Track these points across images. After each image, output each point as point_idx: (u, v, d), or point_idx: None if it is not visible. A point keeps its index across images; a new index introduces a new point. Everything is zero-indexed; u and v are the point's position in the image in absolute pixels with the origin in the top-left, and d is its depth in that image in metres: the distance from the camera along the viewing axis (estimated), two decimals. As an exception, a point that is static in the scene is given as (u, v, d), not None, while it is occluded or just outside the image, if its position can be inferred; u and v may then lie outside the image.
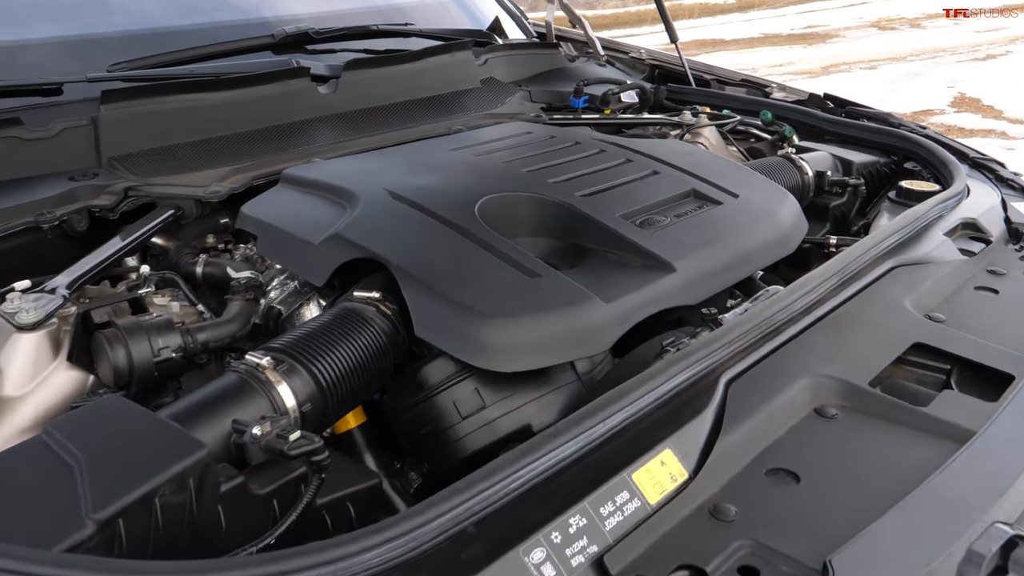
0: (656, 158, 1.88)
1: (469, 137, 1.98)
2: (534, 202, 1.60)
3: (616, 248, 1.51)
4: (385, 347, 1.24)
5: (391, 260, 1.29)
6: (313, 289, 1.46)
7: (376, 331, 1.24)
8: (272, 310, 1.46)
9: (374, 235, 1.37)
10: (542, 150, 1.88)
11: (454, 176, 1.66)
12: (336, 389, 1.14)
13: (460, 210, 1.48)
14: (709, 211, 1.68)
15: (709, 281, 1.51)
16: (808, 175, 2.15)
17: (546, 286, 1.30)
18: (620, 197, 1.67)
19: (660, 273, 1.44)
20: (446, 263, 1.31)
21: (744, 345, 1.20)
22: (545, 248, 1.59)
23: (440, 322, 1.22)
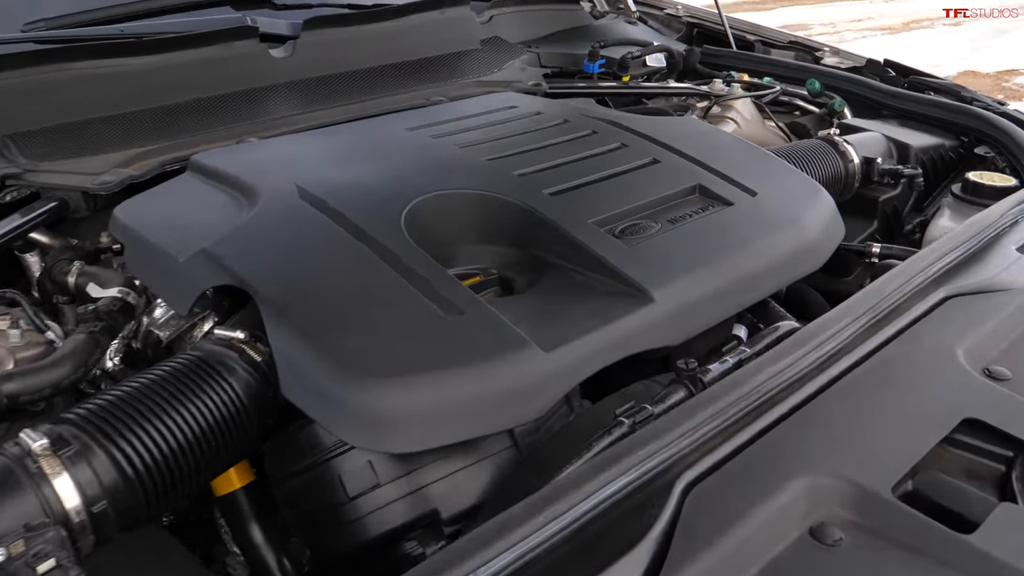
0: (660, 142, 1.53)
1: (436, 113, 1.65)
2: (484, 202, 1.27)
3: (583, 266, 1.18)
4: (243, 409, 0.94)
5: (259, 289, 0.98)
6: (207, 308, 1.16)
7: (232, 387, 0.93)
8: (151, 335, 1.16)
9: (252, 253, 1.06)
10: (518, 131, 1.54)
11: (393, 166, 1.34)
12: (155, 475, 0.85)
13: (382, 215, 1.16)
14: (714, 214, 1.32)
15: (700, 313, 1.17)
16: (853, 162, 1.76)
17: (466, 328, 0.98)
18: (602, 195, 1.33)
19: (631, 303, 1.10)
20: (337, 294, 1.00)
21: (716, 430, 0.87)
22: (499, 259, 1.27)
23: (311, 380, 0.91)
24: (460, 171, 1.34)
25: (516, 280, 1.24)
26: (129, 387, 0.90)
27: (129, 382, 0.91)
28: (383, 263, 1.05)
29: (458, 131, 1.53)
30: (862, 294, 1.14)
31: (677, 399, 0.98)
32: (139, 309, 1.18)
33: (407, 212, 1.18)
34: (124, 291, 1.16)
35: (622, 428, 0.93)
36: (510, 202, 1.26)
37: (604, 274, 1.15)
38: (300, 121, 1.65)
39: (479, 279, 1.22)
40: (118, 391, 0.89)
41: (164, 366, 0.94)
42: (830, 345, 1.02)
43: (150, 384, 0.90)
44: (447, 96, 1.86)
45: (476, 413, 0.92)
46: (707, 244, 1.25)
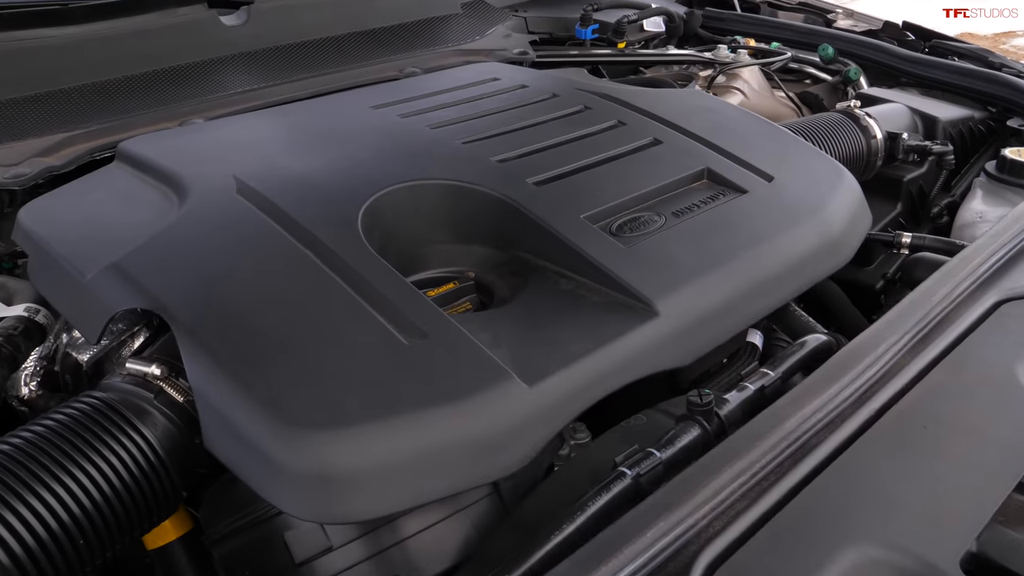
0: (661, 119, 1.35)
1: (407, 88, 1.46)
2: (458, 195, 1.09)
3: (573, 270, 1.01)
4: (160, 464, 0.77)
5: (176, 314, 0.80)
6: (135, 324, 0.98)
7: (146, 439, 0.76)
8: (68, 358, 0.99)
9: (173, 267, 0.88)
10: (500, 108, 1.35)
11: (352, 153, 1.16)
12: (42, 558, 0.67)
13: (335, 215, 0.98)
14: (725, 205, 1.15)
15: (712, 327, 1.00)
16: (876, 138, 1.58)
17: (430, 357, 0.81)
18: (595, 183, 1.15)
19: (632, 319, 0.93)
20: (274, 319, 0.82)
21: (741, 489, 0.70)
22: (477, 261, 1.09)
23: (237, 429, 0.74)
24: (429, 158, 1.16)
25: (497, 286, 1.06)
26: (8, 445, 0.72)
27: (9, 438, 0.73)
28: (333, 276, 0.87)
29: (430, 109, 1.34)
30: (907, 305, 0.98)
31: (689, 440, 0.82)
32: (55, 327, 1.00)
33: (365, 210, 1.00)
34: (33, 309, 0.98)
35: (624, 481, 0.76)
36: (488, 194, 1.08)
37: (599, 281, 0.98)
38: (255, 98, 1.47)
39: (453, 286, 1.04)
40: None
41: (58, 414, 0.77)
42: (872, 371, 0.85)
43: (37, 440, 0.73)
44: (422, 67, 1.67)
45: (442, 469, 0.75)
46: (719, 242, 1.07)
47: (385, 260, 0.95)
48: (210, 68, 1.51)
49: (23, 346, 0.94)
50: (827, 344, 1.01)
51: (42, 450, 0.72)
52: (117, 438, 0.75)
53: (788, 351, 0.99)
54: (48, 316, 0.99)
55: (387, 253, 1.01)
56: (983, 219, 1.51)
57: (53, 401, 1.00)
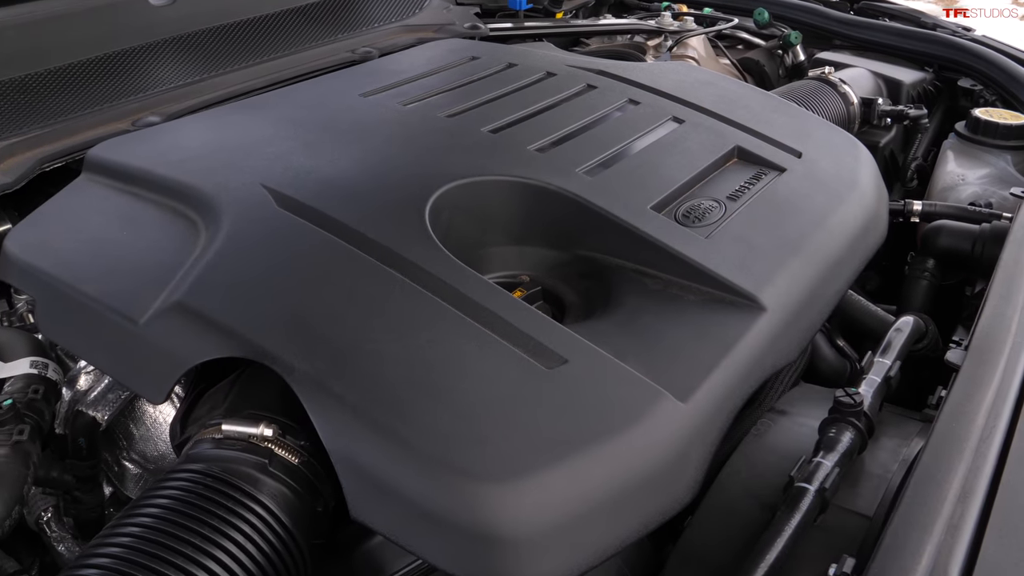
0: (672, 96, 1.32)
1: (385, 70, 1.36)
2: (511, 192, 1.02)
3: (657, 268, 0.96)
4: (288, 539, 0.66)
5: (291, 361, 0.69)
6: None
7: (269, 511, 0.65)
8: (82, 416, 0.85)
9: (253, 302, 0.77)
10: (502, 91, 1.28)
11: (377, 148, 1.06)
12: None
13: (402, 223, 0.89)
14: (773, 185, 1.14)
15: (809, 316, 0.98)
16: (854, 104, 1.63)
17: (579, 383, 0.74)
18: (642, 170, 1.11)
19: (743, 316, 0.90)
20: (395, 355, 0.73)
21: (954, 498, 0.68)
22: (536, 262, 1.03)
23: (400, 493, 0.64)
24: (465, 151, 1.07)
25: (562, 290, 1.00)
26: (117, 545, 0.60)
27: (115, 533, 0.61)
28: (437, 300, 0.79)
29: (425, 94, 1.25)
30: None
31: (850, 444, 0.79)
32: (59, 380, 0.86)
33: (428, 217, 0.91)
34: (40, 363, 0.82)
35: (808, 497, 0.73)
36: (544, 188, 1.02)
37: (689, 277, 0.94)
38: (206, 90, 1.32)
39: (520, 294, 0.97)
40: (99, 555, 0.59)
41: (161, 498, 0.64)
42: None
43: (149, 535, 0.61)
44: (376, 48, 1.57)
45: (627, 511, 0.69)
46: (786, 225, 1.06)
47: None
48: (144, 56, 1.35)
49: (46, 412, 0.79)
50: (919, 325, 1.02)
51: (162, 544, 0.60)
52: (242, 515, 0.64)
53: (890, 338, 0.98)
54: (57, 370, 0.85)
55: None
56: (965, 181, 1.58)
57: (67, 474, 0.86)
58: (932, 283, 1.32)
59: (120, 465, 0.95)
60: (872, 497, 0.78)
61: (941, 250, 1.31)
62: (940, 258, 1.32)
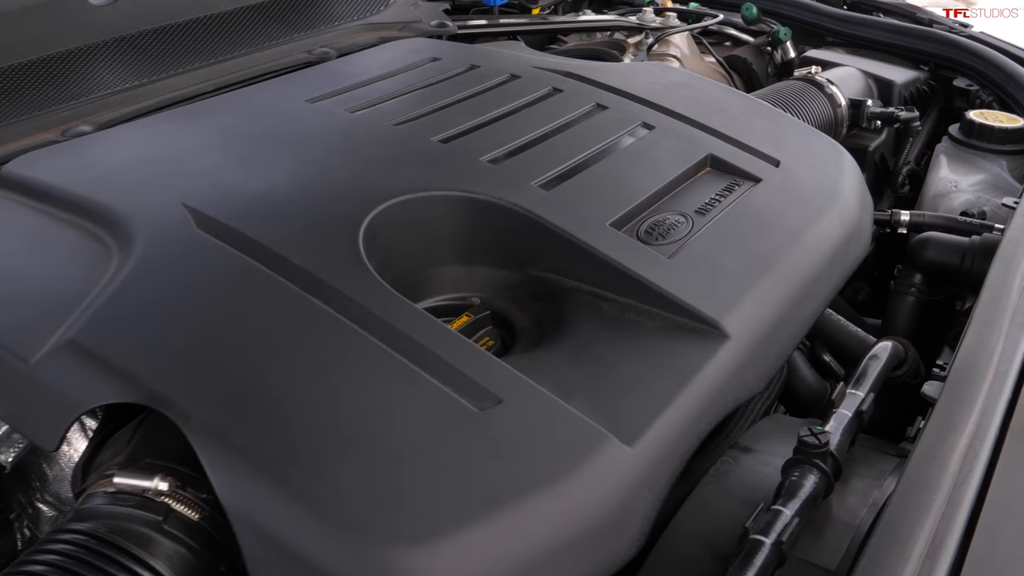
0: (643, 99, 1.27)
1: (335, 74, 1.31)
2: (458, 207, 0.97)
3: (613, 290, 0.91)
4: None
5: (189, 409, 0.64)
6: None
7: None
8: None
9: (154, 340, 0.71)
10: (459, 95, 1.23)
11: (315, 161, 1.01)
12: None
13: (331, 247, 0.84)
14: (745, 197, 1.08)
15: (777, 341, 0.93)
16: (841, 106, 1.58)
17: (513, 426, 0.69)
18: (605, 182, 1.06)
19: (703, 344, 0.84)
20: (309, 397, 0.67)
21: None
22: (485, 284, 0.98)
23: (304, 559, 0.59)
24: (411, 163, 1.02)
25: (514, 314, 0.95)
26: None
27: None
28: (364, 334, 0.73)
29: (377, 100, 1.20)
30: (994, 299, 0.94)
31: (813, 489, 0.74)
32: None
33: (362, 238, 0.86)
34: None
35: (764, 551, 0.68)
36: (494, 204, 0.96)
37: (649, 301, 0.89)
38: (148, 95, 1.26)
39: (467, 319, 0.92)
40: None
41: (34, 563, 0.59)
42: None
43: None
44: (334, 48, 1.51)
45: (556, 569, 0.64)
46: (757, 241, 1.01)
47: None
48: (81, 60, 1.29)
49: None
50: (898, 351, 0.97)
51: None
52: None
53: (866, 366, 0.93)
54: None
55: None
56: (957, 188, 1.53)
57: None
58: (919, 299, 1.26)
59: (34, 507, 0.90)
60: (836, 548, 0.73)
61: (928, 264, 1.25)
62: (927, 272, 1.27)
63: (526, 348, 0.90)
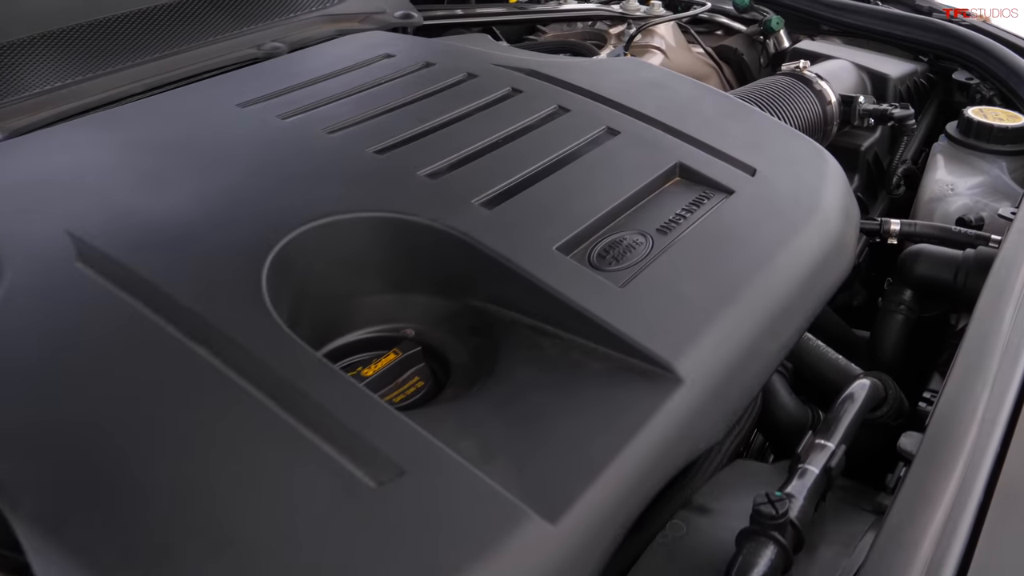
0: (609, 100, 1.16)
1: (276, 73, 1.21)
2: (387, 230, 0.87)
3: (556, 325, 0.81)
4: None
5: (15, 493, 0.54)
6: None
7: None
8: None
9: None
10: (407, 98, 1.12)
11: (231, 177, 0.91)
12: None
13: (229, 281, 0.74)
14: (715, 212, 0.98)
15: (740, 382, 0.83)
16: (831, 104, 1.47)
17: (414, 505, 0.59)
18: (558, 198, 0.95)
19: (652, 390, 0.74)
20: (165, 483, 0.57)
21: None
22: (420, 314, 0.88)
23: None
24: (337, 178, 0.92)
25: (451, 347, 0.85)
26: None
27: None
28: (247, 388, 0.64)
29: (317, 103, 1.10)
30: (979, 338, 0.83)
31: (769, 567, 0.64)
32: None
33: (267, 275, 0.76)
34: None
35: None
36: (427, 226, 0.86)
37: (595, 338, 0.79)
38: (70, 98, 1.16)
39: (395, 356, 0.82)
40: None
41: None
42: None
43: None
44: (286, 42, 1.40)
45: None
46: (723, 265, 0.90)
47: (300, 332, 0.72)
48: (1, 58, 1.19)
49: None
50: (876, 390, 0.87)
51: None
52: None
53: (838, 409, 0.83)
54: None
55: (300, 320, 0.78)
56: (955, 191, 1.42)
57: None
58: (909, 317, 1.16)
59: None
60: (796, 635, 0.63)
61: (919, 279, 1.15)
62: (918, 288, 1.16)
63: (458, 391, 0.80)
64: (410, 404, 0.80)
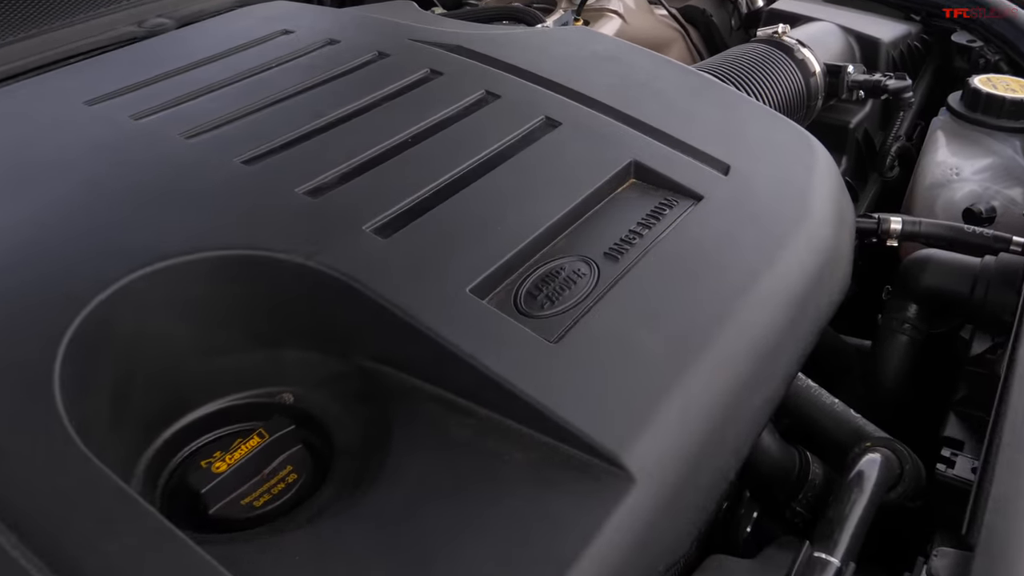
0: (548, 81, 0.95)
1: (146, 59, 0.99)
2: (252, 271, 0.65)
3: (467, 396, 0.60)
4: None
5: None
6: None
7: None
8: None
9: None
10: (298, 86, 0.91)
11: (51, 204, 0.69)
12: None
13: (10, 367, 0.53)
14: (680, 227, 0.77)
15: (714, 464, 0.63)
16: (815, 74, 1.26)
17: None
18: (472, 219, 0.74)
19: (592, 494, 0.55)
20: None
21: None
22: (305, 374, 0.67)
23: None
24: (186, 202, 0.70)
25: (335, 419, 0.65)
26: None
27: None
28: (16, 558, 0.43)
29: (185, 96, 0.88)
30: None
31: None
32: None
33: (72, 338, 0.55)
34: None
35: None
36: (298, 266, 0.65)
37: (517, 416, 0.58)
38: None
39: (258, 441, 0.62)
40: None
41: None
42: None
43: None
44: (174, 17, 1.18)
45: None
46: (689, 301, 0.70)
47: (130, 414, 0.52)
48: None
49: None
50: (889, 465, 0.67)
51: None
52: None
53: (843, 501, 0.63)
54: None
55: (131, 391, 0.58)
56: (959, 176, 1.22)
57: None
58: (914, 339, 0.96)
59: None
60: None
61: (926, 292, 0.95)
62: (925, 302, 0.96)
63: (339, 489, 0.60)
64: (277, 507, 0.59)
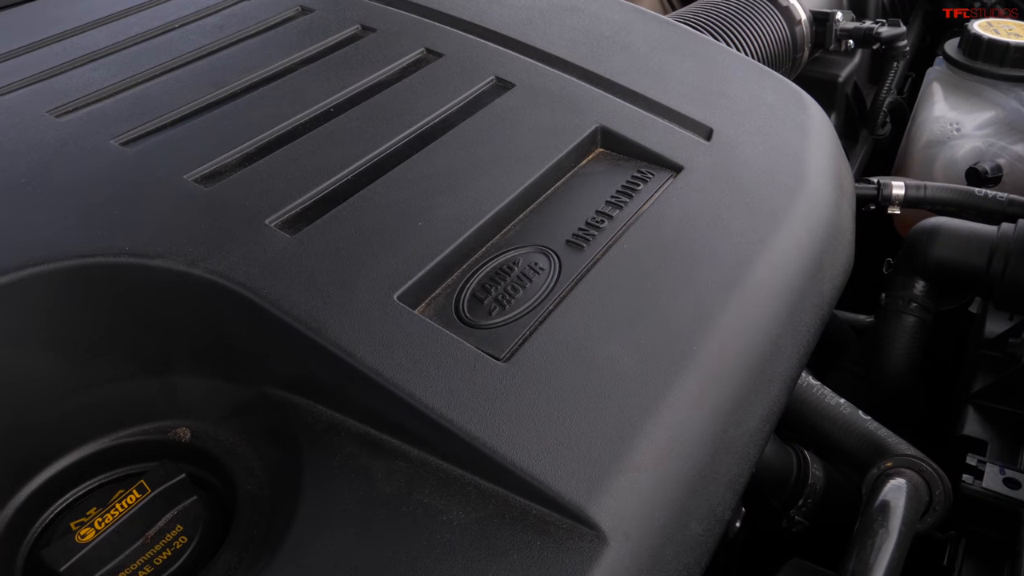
0: (502, 36, 0.81)
1: (37, 17, 0.83)
2: (124, 282, 0.51)
3: (398, 433, 0.47)
4: None
5: None
6: None
7: None
8: None
9: None
10: (204, 48, 0.76)
11: None
12: None
13: None
14: (655, 207, 0.64)
15: (707, 504, 0.50)
16: (801, 22, 1.12)
17: None
18: (404, 206, 0.60)
19: (556, 558, 0.41)
20: None
21: None
22: (203, 404, 0.54)
23: None
24: (48, 192, 0.56)
25: (237, 461, 0.52)
26: None
27: None
28: None
29: (64, 66, 0.73)
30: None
31: None
32: None
33: None
34: None
35: None
36: (182, 274, 0.51)
37: (459, 461, 0.46)
38: None
39: (137, 498, 0.49)
40: None
41: None
42: None
43: None
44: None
45: None
46: (667, 301, 0.57)
47: None
48: None
49: None
50: (918, 491, 0.55)
51: None
52: None
53: (866, 543, 0.51)
54: None
55: None
56: (960, 132, 1.09)
57: None
58: (923, 320, 0.83)
59: None
60: None
61: (937, 266, 0.82)
62: (935, 278, 0.83)
63: (238, 555, 0.47)
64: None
